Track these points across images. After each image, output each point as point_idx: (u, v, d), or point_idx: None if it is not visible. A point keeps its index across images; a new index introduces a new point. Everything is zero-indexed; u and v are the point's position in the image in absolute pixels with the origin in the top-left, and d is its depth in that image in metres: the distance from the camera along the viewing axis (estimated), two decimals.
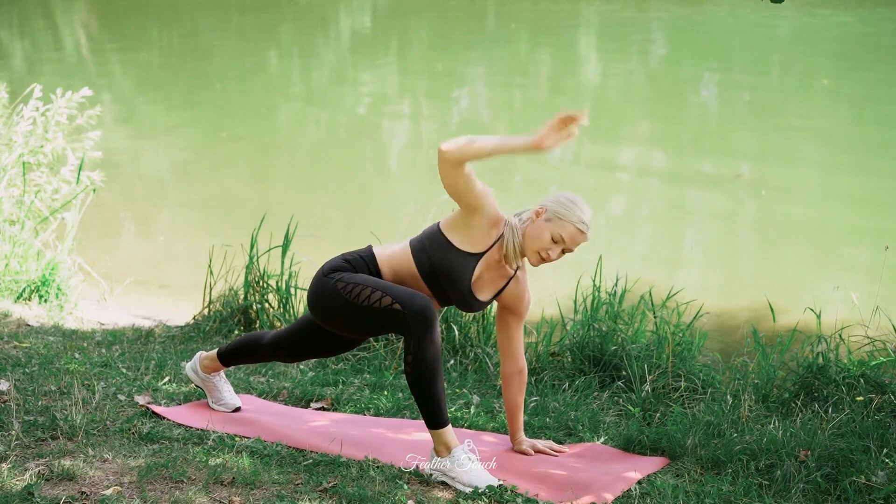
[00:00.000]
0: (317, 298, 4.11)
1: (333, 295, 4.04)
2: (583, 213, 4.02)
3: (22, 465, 3.83)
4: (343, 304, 4.02)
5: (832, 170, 11.18)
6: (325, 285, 4.08)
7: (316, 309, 4.13)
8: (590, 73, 17.27)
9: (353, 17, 24.00)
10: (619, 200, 10.06)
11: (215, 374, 4.64)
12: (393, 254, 4.13)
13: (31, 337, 5.86)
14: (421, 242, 4.10)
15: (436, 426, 3.97)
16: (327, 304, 4.07)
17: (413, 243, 4.12)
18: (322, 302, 4.08)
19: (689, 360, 5.22)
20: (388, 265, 4.12)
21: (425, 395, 3.94)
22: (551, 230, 4.01)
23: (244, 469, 3.91)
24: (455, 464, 3.96)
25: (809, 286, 7.73)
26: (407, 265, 4.10)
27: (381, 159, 12.01)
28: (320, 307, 4.10)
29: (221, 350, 4.59)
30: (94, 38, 21.07)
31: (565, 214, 4.00)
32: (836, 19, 20.88)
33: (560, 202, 4.03)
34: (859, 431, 4.34)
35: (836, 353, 5.00)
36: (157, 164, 11.66)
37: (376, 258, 4.13)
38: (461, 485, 3.93)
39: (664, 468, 4.24)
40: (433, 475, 4.01)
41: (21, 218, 7.25)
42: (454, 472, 3.96)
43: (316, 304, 4.12)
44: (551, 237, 4.01)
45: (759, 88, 15.56)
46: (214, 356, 4.61)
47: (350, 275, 4.07)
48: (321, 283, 4.10)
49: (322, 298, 4.08)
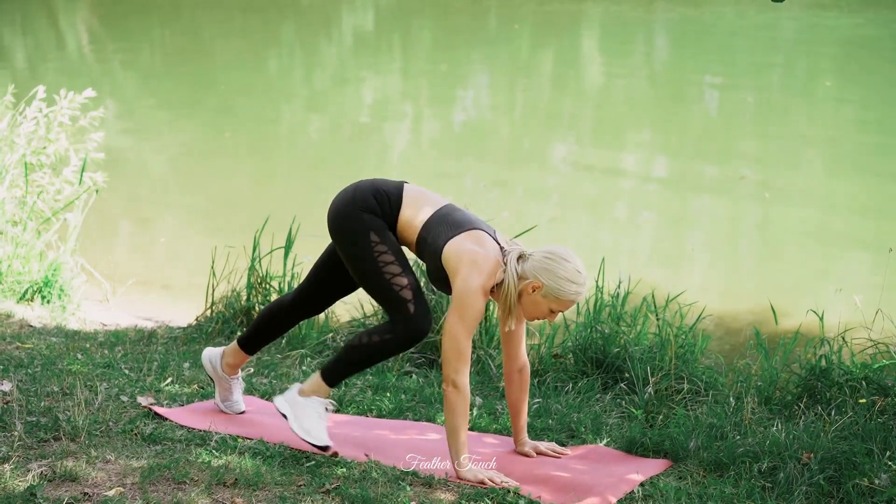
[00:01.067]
0: (343, 221, 4.14)
1: (362, 238, 4.09)
2: (578, 285, 4.00)
3: (24, 466, 3.83)
4: (368, 256, 4.09)
5: (835, 172, 11.17)
6: (355, 218, 4.12)
7: (338, 234, 4.16)
8: (593, 74, 17.26)
9: (356, 17, 24.00)
10: (621, 202, 10.05)
11: (234, 378, 4.62)
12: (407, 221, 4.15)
13: (33, 338, 5.86)
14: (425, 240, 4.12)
15: (327, 380, 4.17)
16: (351, 237, 4.12)
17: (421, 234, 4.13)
18: (348, 233, 4.12)
19: (691, 363, 5.22)
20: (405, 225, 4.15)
21: (350, 363, 4.15)
22: (549, 305, 4.03)
23: (247, 470, 3.91)
24: (307, 407, 4.15)
25: (812, 288, 7.72)
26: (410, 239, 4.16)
27: (383, 160, 12.02)
28: (344, 233, 4.14)
29: (242, 339, 4.56)
30: (97, 37, 21.07)
31: (562, 293, 3.98)
32: (840, 21, 20.88)
33: (556, 278, 3.98)
34: (862, 434, 4.33)
35: (839, 356, 4.99)
36: (160, 165, 11.67)
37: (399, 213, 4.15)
38: (298, 427, 4.14)
39: (667, 470, 4.24)
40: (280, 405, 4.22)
41: (24, 219, 7.25)
42: (301, 411, 4.16)
43: (340, 231, 4.15)
44: (549, 309, 4.04)
45: (763, 90, 15.55)
46: (237, 349, 4.55)
47: (385, 233, 4.10)
48: (351, 213, 4.13)
49: (349, 229, 4.12)
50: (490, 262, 4.02)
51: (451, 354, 4.00)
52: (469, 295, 3.98)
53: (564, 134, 13.03)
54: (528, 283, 4.02)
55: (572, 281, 3.99)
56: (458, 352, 4.00)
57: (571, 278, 3.99)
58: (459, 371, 4.01)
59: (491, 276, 4.02)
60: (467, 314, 3.99)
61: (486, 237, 4.09)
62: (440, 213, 4.14)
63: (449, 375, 4.01)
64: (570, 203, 9.76)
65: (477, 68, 17.65)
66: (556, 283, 3.98)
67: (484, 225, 4.15)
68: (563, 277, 3.99)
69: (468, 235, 4.06)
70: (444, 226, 4.10)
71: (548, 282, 3.99)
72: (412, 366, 5.51)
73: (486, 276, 4.00)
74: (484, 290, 4.00)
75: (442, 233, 4.09)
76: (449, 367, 4.01)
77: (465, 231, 4.07)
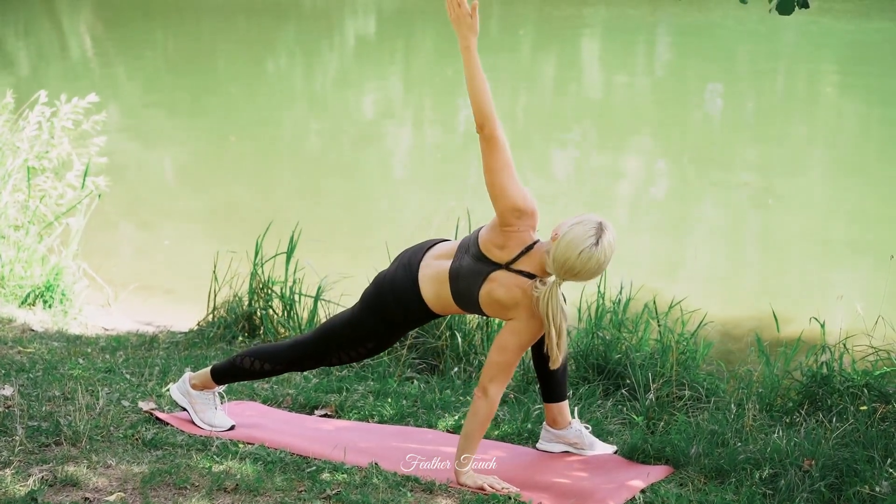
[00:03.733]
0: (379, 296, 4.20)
1: (360, 316, 4.21)
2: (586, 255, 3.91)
3: (25, 470, 3.83)
4: (343, 322, 4.25)
5: (836, 179, 11.18)
6: (382, 308, 4.17)
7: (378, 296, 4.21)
8: (595, 80, 17.27)
9: (358, 22, 24.01)
10: (623, 208, 10.05)
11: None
12: (439, 303, 4.13)
13: (35, 342, 5.87)
14: (467, 307, 4.11)
15: (218, 382, 4.46)
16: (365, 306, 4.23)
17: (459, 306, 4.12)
18: (374, 302, 4.21)
19: (692, 369, 5.22)
20: (436, 306, 4.15)
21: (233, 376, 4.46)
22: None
23: (248, 476, 3.91)
24: (208, 401, 4.47)
25: (813, 295, 7.72)
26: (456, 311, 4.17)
27: (386, 165, 12.02)
28: (375, 301, 4.21)
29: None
30: (100, 42, 21.09)
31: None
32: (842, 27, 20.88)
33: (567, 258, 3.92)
34: (863, 441, 4.33)
35: (841, 363, 4.99)
36: (162, 170, 11.68)
37: (422, 298, 4.13)
38: (200, 420, 4.43)
39: (668, 477, 4.24)
40: (175, 395, 4.51)
41: (26, 223, 7.26)
42: (200, 405, 4.46)
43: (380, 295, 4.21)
44: None
45: (764, 95, 15.56)
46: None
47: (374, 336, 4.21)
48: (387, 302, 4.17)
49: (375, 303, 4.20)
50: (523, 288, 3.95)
51: (495, 364, 4.00)
52: (533, 327, 3.97)
53: (567, 140, 13.03)
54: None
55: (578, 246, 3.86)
56: (505, 365, 4.00)
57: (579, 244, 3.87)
58: (495, 381, 4.01)
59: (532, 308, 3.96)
60: (527, 339, 4.00)
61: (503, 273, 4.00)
62: (451, 272, 4.08)
63: (484, 383, 4.01)
64: (573, 209, 9.77)
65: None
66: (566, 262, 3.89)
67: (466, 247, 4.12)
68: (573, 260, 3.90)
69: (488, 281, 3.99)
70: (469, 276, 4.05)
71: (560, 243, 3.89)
72: (413, 371, 5.51)
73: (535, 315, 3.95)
74: (541, 323, 3.97)
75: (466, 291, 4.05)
76: (487, 375, 4.01)
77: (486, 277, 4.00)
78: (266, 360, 4.36)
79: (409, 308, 4.13)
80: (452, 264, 4.06)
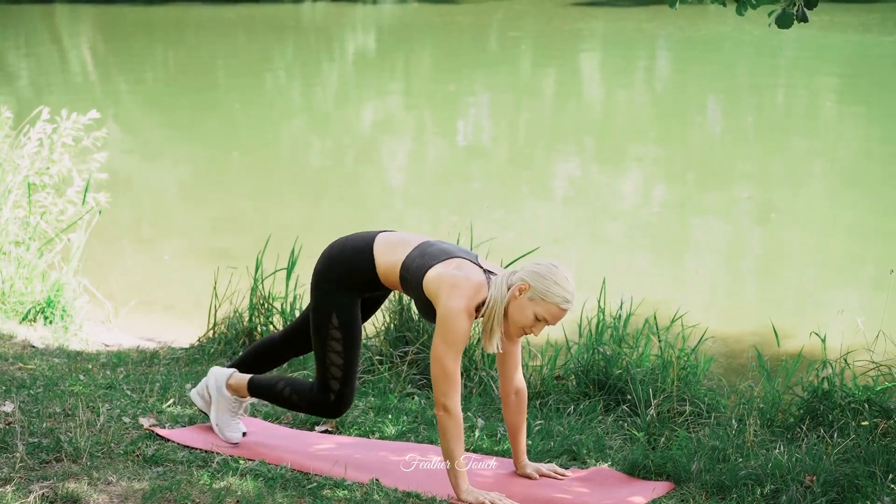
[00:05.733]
0: (315, 295, 4.31)
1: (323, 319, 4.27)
2: (566, 292, 3.98)
3: (26, 487, 3.83)
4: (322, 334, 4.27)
5: (836, 193, 11.18)
6: (325, 299, 4.27)
7: (312, 295, 4.32)
8: (595, 94, 17.29)
9: (357, 37, 24.06)
10: (623, 223, 10.06)
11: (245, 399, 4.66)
12: (386, 268, 4.21)
13: (35, 358, 5.86)
14: (406, 278, 4.14)
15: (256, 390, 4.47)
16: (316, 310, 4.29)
17: (402, 272, 4.16)
18: (316, 304, 4.29)
19: (693, 384, 5.21)
20: (385, 271, 4.22)
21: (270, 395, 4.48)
22: (534, 309, 3.99)
23: (248, 492, 3.91)
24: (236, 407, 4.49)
25: (814, 310, 7.72)
26: (394, 280, 4.20)
27: (386, 181, 12.03)
28: (314, 302, 4.31)
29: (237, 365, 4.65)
30: (100, 58, 21.13)
31: (549, 295, 3.96)
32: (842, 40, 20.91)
33: (543, 279, 3.97)
34: (865, 457, 4.33)
35: (842, 378, 4.99)
36: (163, 185, 11.69)
37: (376, 265, 4.21)
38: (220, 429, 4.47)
39: (669, 493, 4.23)
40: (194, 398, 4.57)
41: (26, 239, 7.26)
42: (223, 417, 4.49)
43: (313, 295, 4.32)
44: (534, 315, 4.00)
45: (764, 109, 15.58)
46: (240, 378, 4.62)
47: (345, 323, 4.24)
48: (324, 289, 4.27)
49: (317, 303, 4.29)
50: (471, 283, 4.01)
51: (439, 378, 3.99)
52: (452, 317, 3.97)
53: (567, 154, 13.05)
54: (515, 287, 4.00)
55: (559, 284, 3.96)
56: (446, 375, 3.98)
57: (559, 282, 3.97)
58: (448, 395, 3.99)
59: (473, 298, 4.00)
60: (451, 337, 3.97)
61: (466, 262, 4.09)
62: (417, 249, 4.16)
63: (439, 400, 4.00)
64: (573, 223, 9.77)
65: (479, 88, 17.70)
66: (542, 283, 3.96)
67: (464, 252, 4.15)
68: (549, 279, 3.97)
69: (446, 264, 4.07)
70: (422, 258, 4.11)
71: (534, 282, 3.96)
72: (414, 387, 5.50)
73: (467, 297, 3.99)
74: (468, 311, 3.99)
75: (420, 265, 4.09)
76: (438, 391, 4.00)
77: (442, 261, 4.08)
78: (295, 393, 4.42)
79: (362, 254, 4.24)
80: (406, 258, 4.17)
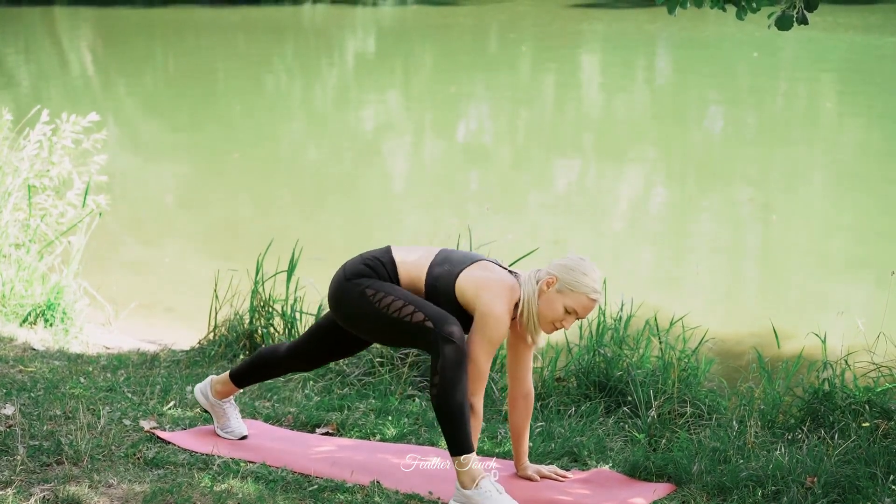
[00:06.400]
0: (341, 302, 4.12)
1: (361, 301, 4.05)
2: (594, 282, 4.03)
3: (27, 490, 3.83)
4: (372, 312, 4.03)
5: (837, 194, 11.18)
6: (350, 291, 4.10)
7: (340, 312, 4.14)
8: (595, 95, 17.29)
9: (358, 39, 24.06)
10: (623, 224, 10.06)
11: (226, 401, 4.63)
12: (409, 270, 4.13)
13: (36, 361, 5.86)
14: (435, 286, 4.10)
15: (459, 451, 3.91)
16: (353, 309, 4.09)
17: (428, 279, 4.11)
18: (348, 307, 4.10)
19: (694, 386, 5.22)
20: (406, 276, 4.13)
21: (450, 419, 3.90)
22: (564, 302, 4.02)
23: (249, 494, 3.91)
24: (483, 497, 3.88)
25: (814, 311, 7.71)
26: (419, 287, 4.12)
27: (386, 182, 12.03)
28: (346, 312, 4.12)
29: (234, 371, 4.58)
30: (100, 60, 21.13)
31: (577, 286, 4.01)
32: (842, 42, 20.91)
33: (571, 271, 4.03)
34: (866, 458, 4.33)
35: (842, 379, 4.99)
36: (163, 188, 11.69)
37: (396, 266, 4.14)
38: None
39: (670, 494, 4.23)
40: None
41: (26, 242, 7.26)
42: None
43: (340, 307, 4.13)
44: (564, 308, 4.03)
45: (764, 111, 15.58)
46: (227, 379, 4.58)
47: (379, 283, 4.08)
48: (346, 288, 4.11)
49: (348, 303, 4.10)
50: (505, 284, 4.05)
51: (473, 377, 3.99)
52: (493, 316, 3.98)
53: (567, 156, 13.05)
54: (542, 281, 4.03)
55: (587, 275, 4.03)
56: (479, 373, 4.00)
57: (587, 272, 4.03)
58: (476, 393, 4.01)
59: (511, 299, 4.04)
60: (491, 335, 3.98)
61: (493, 265, 4.13)
62: (439, 257, 4.16)
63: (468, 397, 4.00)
64: (573, 225, 9.77)
65: (479, 90, 17.70)
66: (570, 275, 4.01)
67: (485, 257, 4.19)
68: (577, 270, 4.03)
69: (475, 266, 4.09)
70: (449, 265, 4.11)
71: (562, 274, 4.02)
72: (415, 389, 5.50)
73: (507, 299, 4.02)
74: (509, 312, 4.02)
75: (449, 271, 4.09)
76: (469, 389, 4.00)
77: (469, 265, 4.10)
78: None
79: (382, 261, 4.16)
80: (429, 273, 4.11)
